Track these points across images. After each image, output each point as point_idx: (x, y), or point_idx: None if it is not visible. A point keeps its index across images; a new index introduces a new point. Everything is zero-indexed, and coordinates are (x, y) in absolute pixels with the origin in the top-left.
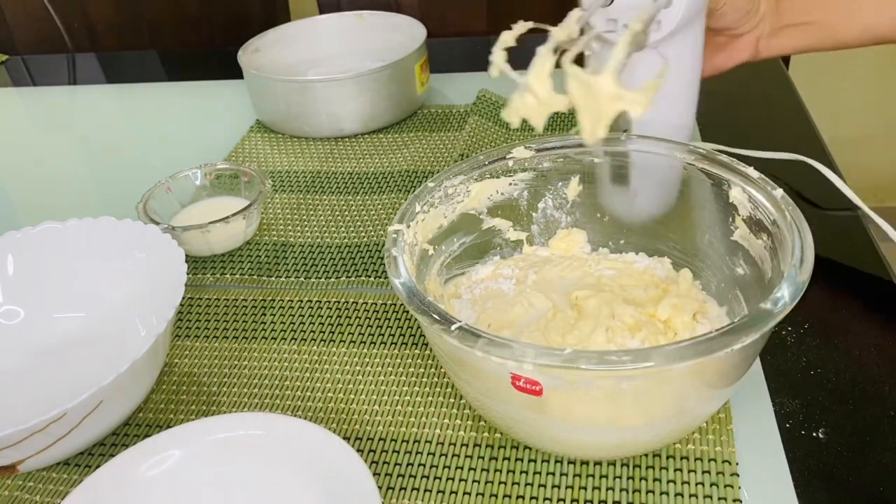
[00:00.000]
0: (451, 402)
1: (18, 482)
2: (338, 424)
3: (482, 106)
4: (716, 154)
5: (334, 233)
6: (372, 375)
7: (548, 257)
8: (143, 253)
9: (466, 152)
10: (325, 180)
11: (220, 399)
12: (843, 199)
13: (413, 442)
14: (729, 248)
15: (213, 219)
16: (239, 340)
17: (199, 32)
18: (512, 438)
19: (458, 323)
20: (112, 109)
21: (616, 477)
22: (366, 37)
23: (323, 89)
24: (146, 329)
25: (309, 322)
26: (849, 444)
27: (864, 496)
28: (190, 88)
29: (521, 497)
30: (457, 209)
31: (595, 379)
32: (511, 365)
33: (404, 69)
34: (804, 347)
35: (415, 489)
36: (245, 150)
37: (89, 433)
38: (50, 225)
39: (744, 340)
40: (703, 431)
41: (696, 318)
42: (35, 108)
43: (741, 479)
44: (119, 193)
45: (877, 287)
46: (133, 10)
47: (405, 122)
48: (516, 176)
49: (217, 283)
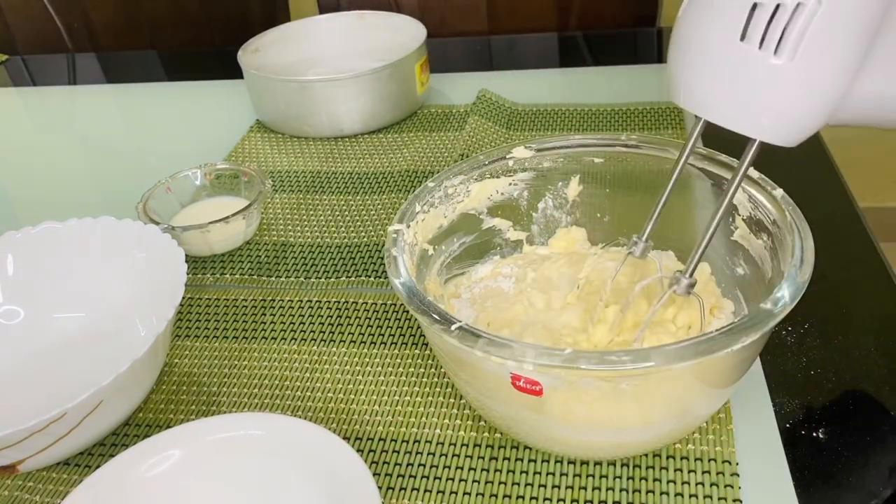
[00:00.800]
0: (451, 402)
1: (18, 482)
2: (338, 424)
3: (482, 106)
4: (716, 154)
5: (334, 233)
6: (372, 375)
7: (547, 255)
8: (143, 253)
9: (466, 152)
10: (325, 180)
11: (220, 399)
12: (844, 198)
13: (413, 442)
14: (729, 248)
15: (213, 219)
16: (239, 340)
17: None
18: (512, 438)
19: (458, 323)
20: (112, 109)
21: (616, 477)
22: (366, 37)
23: (323, 89)
24: (146, 329)
25: (309, 322)
26: (849, 444)
27: (864, 496)
28: (190, 88)
29: (521, 497)
30: (457, 209)
31: (595, 379)
32: (511, 365)
33: (404, 69)
34: (804, 347)
35: (415, 489)
36: (245, 150)
37: (89, 433)
38: (50, 225)
39: (744, 340)
40: (703, 431)
41: (713, 312)
42: (35, 108)
43: (741, 479)
44: (119, 193)
45: (877, 287)
46: (133, 10)
47: (405, 122)
48: (516, 176)
49: (217, 283)
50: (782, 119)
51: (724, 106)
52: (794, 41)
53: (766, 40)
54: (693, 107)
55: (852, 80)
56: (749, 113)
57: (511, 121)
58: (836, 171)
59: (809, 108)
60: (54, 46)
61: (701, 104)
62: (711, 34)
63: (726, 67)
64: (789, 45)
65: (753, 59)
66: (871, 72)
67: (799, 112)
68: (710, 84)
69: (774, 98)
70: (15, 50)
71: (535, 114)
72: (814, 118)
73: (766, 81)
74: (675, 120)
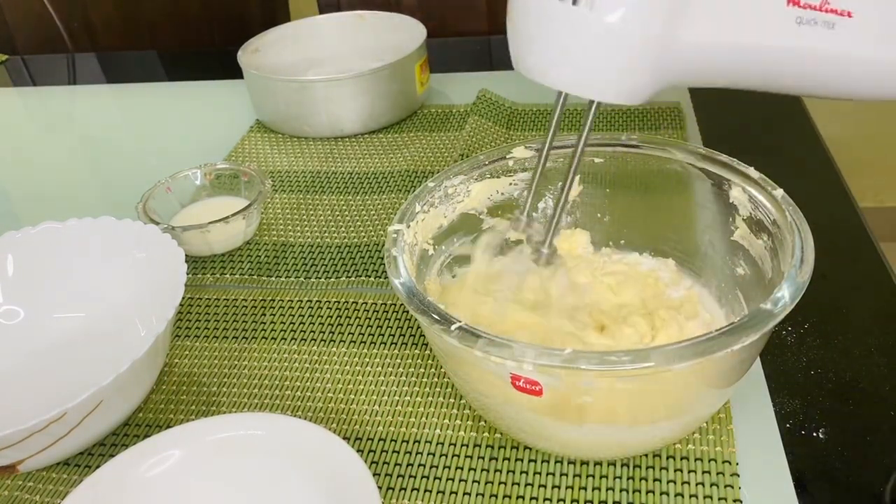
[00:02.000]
0: (451, 402)
1: (18, 482)
2: (338, 424)
3: (482, 106)
4: (716, 154)
5: (334, 233)
6: (372, 375)
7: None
8: (143, 253)
9: (466, 152)
10: (325, 180)
11: (220, 399)
12: (844, 198)
13: (413, 442)
14: (729, 248)
15: (213, 219)
16: (239, 340)
17: (199, 32)
18: (512, 438)
19: (457, 323)
20: (112, 109)
21: (616, 477)
22: (366, 37)
23: (323, 89)
24: (146, 329)
25: (309, 322)
26: (849, 444)
27: (864, 496)
28: (190, 88)
29: (521, 497)
30: (457, 209)
31: (595, 379)
32: (511, 365)
33: (404, 69)
34: (804, 347)
35: (415, 489)
36: (245, 150)
37: (89, 433)
38: (50, 225)
39: (744, 341)
40: (703, 431)
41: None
42: (35, 108)
43: (741, 479)
44: (119, 193)
45: (877, 287)
46: (133, 10)
47: (405, 122)
48: (516, 176)
49: (217, 283)
50: (601, 73)
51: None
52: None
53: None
54: (529, 74)
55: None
56: (573, 72)
57: (511, 121)
58: (836, 172)
59: (622, 59)
60: (54, 46)
61: (535, 71)
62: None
63: (539, 25)
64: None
65: (560, 13)
66: (694, 20)
67: (613, 63)
68: (533, 46)
69: (588, 52)
70: (15, 50)
71: (535, 114)
72: (639, 72)
73: (576, 35)
74: (675, 120)
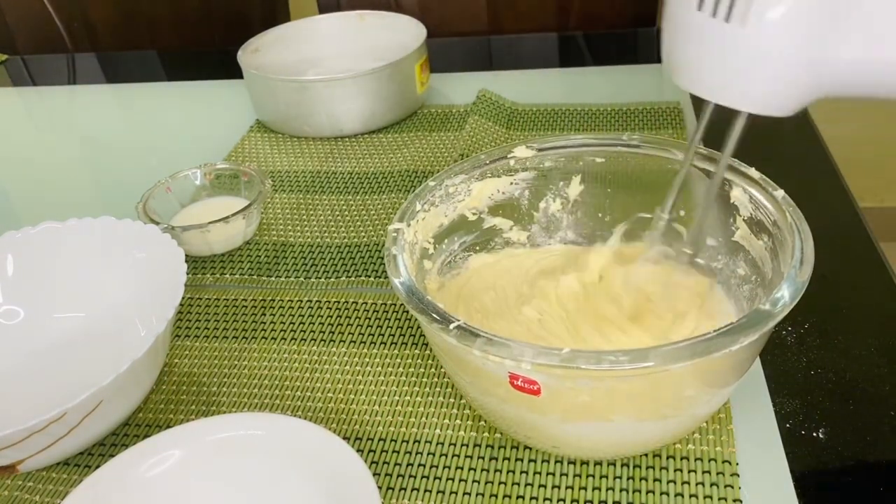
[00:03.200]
0: (451, 402)
1: (18, 482)
2: (338, 424)
3: (482, 106)
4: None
5: (334, 233)
6: (372, 375)
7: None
8: (143, 253)
9: (466, 152)
10: (325, 180)
11: (220, 399)
12: (844, 199)
13: (413, 442)
14: (730, 248)
15: (213, 219)
16: (239, 340)
17: (199, 32)
18: (512, 438)
19: (456, 322)
20: (112, 109)
21: (616, 477)
22: (366, 37)
23: (323, 89)
24: (146, 329)
25: (309, 322)
26: (849, 444)
27: (864, 496)
28: (190, 88)
29: (521, 497)
30: (457, 208)
31: (593, 379)
32: (509, 364)
33: (404, 69)
34: (804, 347)
35: (415, 489)
36: (245, 150)
37: (89, 433)
38: (50, 225)
39: (743, 341)
40: (703, 431)
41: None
42: (35, 108)
43: (741, 479)
44: (119, 193)
45: (877, 287)
46: (133, 10)
47: (405, 122)
48: (517, 175)
49: (217, 283)
50: (756, 87)
51: (702, 78)
52: (742, 6)
53: (718, 7)
54: (679, 81)
55: (825, 47)
56: (724, 83)
57: (511, 121)
58: (836, 172)
59: (777, 75)
60: (54, 46)
61: (685, 79)
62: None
63: (692, 38)
64: (739, 11)
65: (713, 28)
66: (848, 37)
67: (768, 78)
68: (685, 57)
69: (739, 66)
70: (15, 50)
71: (535, 114)
72: (789, 85)
73: (727, 49)
74: (675, 120)
